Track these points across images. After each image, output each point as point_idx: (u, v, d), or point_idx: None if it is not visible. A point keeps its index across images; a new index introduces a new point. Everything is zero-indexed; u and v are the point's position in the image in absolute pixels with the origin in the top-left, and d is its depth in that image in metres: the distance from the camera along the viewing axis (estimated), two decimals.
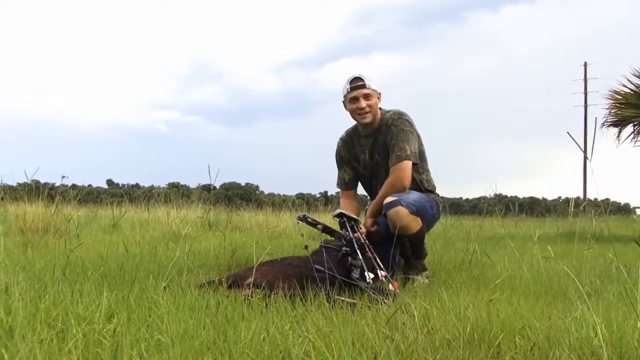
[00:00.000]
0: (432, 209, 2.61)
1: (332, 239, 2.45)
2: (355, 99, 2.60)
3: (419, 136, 2.64)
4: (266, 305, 1.75)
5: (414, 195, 2.48)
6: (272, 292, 1.87)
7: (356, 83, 2.59)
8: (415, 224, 2.42)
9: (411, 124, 2.61)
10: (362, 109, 2.58)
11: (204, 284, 2.02)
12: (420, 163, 2.66)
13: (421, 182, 2.68)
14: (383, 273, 2.07)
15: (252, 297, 1.81)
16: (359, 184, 2.87)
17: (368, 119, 2.61)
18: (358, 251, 2.14)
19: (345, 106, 2.70)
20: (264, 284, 1.92)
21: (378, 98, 2.64)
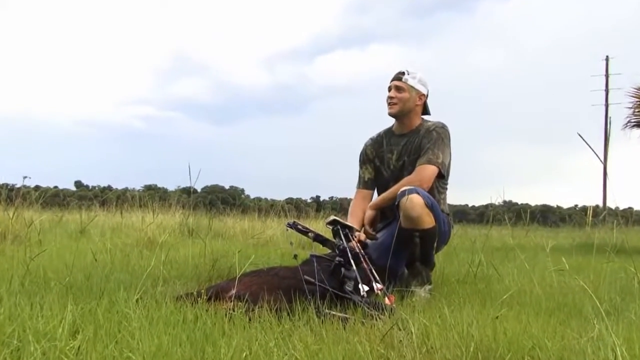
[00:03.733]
0: (444, 225, 2.68)
1: (325, 248, 2.46)
2: (388, 89, 2.78)
3: (450, 155, 2.76)
4: (249, 319, 1.76)
5: (432, 198, 2.56)
6: (256, 306, 1.87)
7: (396, 75, 2.78)
8: (429, 218, 2.46)
9: (450, 140, 2.75)
10: (390, 98, 2.75)
11: (181, 296, 2.02)
12: (443, 180, 2.77)
13: (438, 202, 2.74)
14: (379, 286, 2.08)
15: (234, 310, 1.81)
16: (375, 188, 2.93)
17: (393, 109, 2.76)
18: (352, 261, 2.15)
19: None
20: (247, 297, 1.92)
21: (419, 99, 2.78)
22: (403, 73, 2.76)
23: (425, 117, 2.86)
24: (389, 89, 2.77)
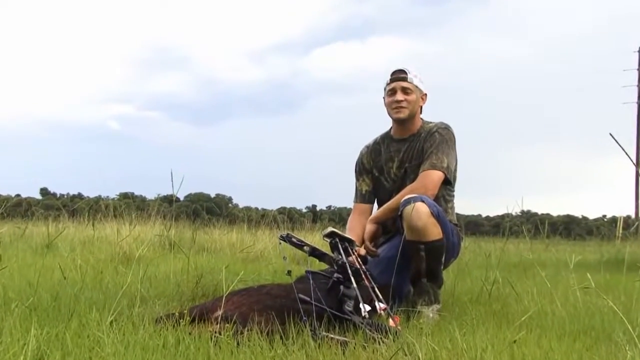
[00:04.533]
0: (453, 236, 2.70)
1: (322, 263, 2.47)
2: (393, 92, 2.78)
3: (456, 158, 2.79)
4: (238, 343, 1.76)
5: (439, 207, 2.58)
6: (246, 328, 1.88)
7: (397, 75, 2.78)
8: (435, 229, 2.48)
9: (455, 142, 2.78)
10: (398, 101, 2.75)
11: (161, 317, 2.02)
12: (450, 187, 2.81)
13: (446, 211, 2.78)
14: (382, 305, 2.09)
15: (220, 333, 1.82)
16: (375, 200, 2.97)
17: (403, 114, 2.77)
18: (352, 278, 2.16)
19: (384, 102, 2.87)
20: (235, 318, 1.93)
21: (422, 99, 2.83)
22: (405, 72, 2.78)
23: (424, 117, 2.89)
24: (392, 91, 2.78)
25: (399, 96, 2.75)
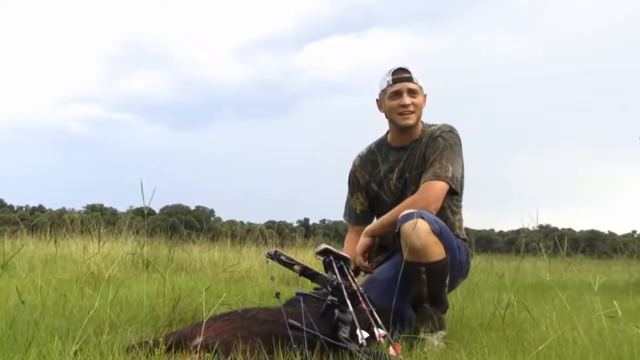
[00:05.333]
0: (461, 253, 2.71)
1: (314, 284, 2.47)
2: (398, 94, 2.76)
3: (463, 165, 2.79)
4: None
5: (441, 222, 2.58)
6: (229, 357, 1.88)
7: (401, 74, 2.77)
8: (437, 248, 2.48)
9: (460, 146, 2.78)
10: (405, 106, 2.74)
11: (133, 346, 2.02)
12: (457, 198, 2.82)
13: (452, 225, 2.79)
14: (382, 332, 2.09)
15: None
16: (374, 215, 2.99)
17: (411, 120, 2.77)
18: (348, 301, 2.16)
19: (379, 105, 2.87)
20: (217, 346, 1.93)
21: (424, 100, 2.84)
22: (408, 71, 2.78)
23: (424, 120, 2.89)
24: (397, 94, 2.76)
25: (407, 99, 2.74)
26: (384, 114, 2.87)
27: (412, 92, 2.75)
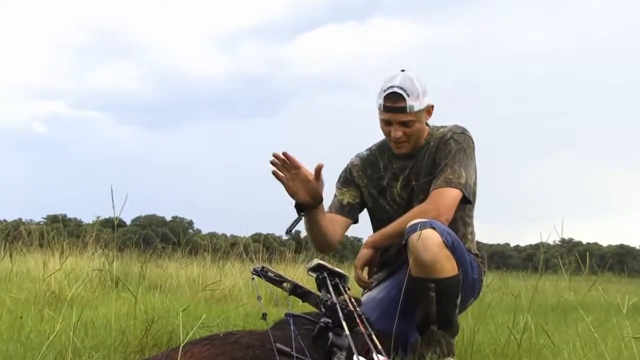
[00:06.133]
0: (473, 270, 2.71)
1: (306, 304, 2.48)
2: (387, 124, 2.76)
3: (476, 170, 2.81)
4: None
5: (454, 234, 2.58)
6: None
7: (393, 102, 2.68)
8: (448, 263, 2.48)
9: (474, 149, 2.80)
10: (396, 138, 2.75)
11: None
12: (470, 207, 2.85)
13: (464, 238, 2.81)
14: (382, 358, 2.11)
15: None
16: (358, 214, 2.98)
17: (404, 149, 2.80)
18: (344, 323, 2.17)
19: (378, 116, 2.85)
20: None
21: (428, 114, 2.81)
22: (403, 97, 2.65)
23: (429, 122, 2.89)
24: (387, 124, 2.74)
25: (398, 133, 2.72)
26: None
27: (405, 124, 2.71)
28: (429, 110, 2.79)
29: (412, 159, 2.84)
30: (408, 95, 2.66)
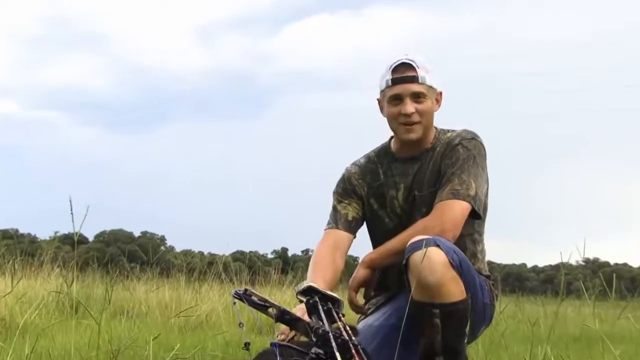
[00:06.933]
0: (484, 294, 2.71)
1: (295, 331, 2.48)
2: (398, 98, 2.74)
3: (487, 181, 2.81)
4: None
5: (461, 253, 2.57)
6: None
7: (402, 72, 2.73)
8: (455, 286, 2.47)
9: (485, 157, 2.80)
10: (407, 115, 2.72)
11: None
12: (479, 223, 2.84)
13: (474, 257, 2.81)
14: None
15: None
16: (369, 239, 3.00)
17: (415, 133, 2.77)
18: (337, 354, 2.17)
19: (381, 107, 2.87)
20: None
21: (437, 102, 2.83)
22: (413, 66, 2.73)
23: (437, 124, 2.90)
24: (397, 98, 2.74)
25: (409, 107, 2.71)
26: (386, 119, 2.86)
27: (416, 96, 2.73)
28: (437, 98, 2.82)
29: (416, 163, 2.84)
30: (418, 66, 2.72)
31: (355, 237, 2.96)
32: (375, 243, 2.95)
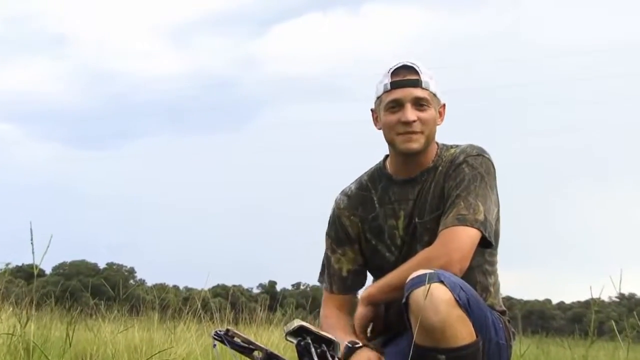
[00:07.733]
0: (498, 333, 2.69)
1: None
2: (397, 104, 2.73)
3: (498, 203, 2.80)
4: None
5: (469, 288, 2.55)
6: None
7: (404, 76, 2.73)
8: (463, 327, 2.44)
9: (495, 176, 2.79)
10: (407, 123, 2.71)
11: None
12: (491, 252, 2.84)
13: (485, 291, 2.81)
14: None
15: None
16: (368, 274, 3.00)
17: (417, 143, 2.74)
18: None
19: (375, 119, 2.88)
20: None
21: (440, 115, 2.83)
22: (416, 70, 2.74)
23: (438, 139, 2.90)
24: (397, 104, 2.74)
25: (410, 113, 2.70)
26: (381, 131, 2.85)
27: (419, 103, 2.72)
28: (440, 111, 2.82)
29: (415, 186, 2.82)
30: (421, 72, 2.73)
31: (357, 292, 2.95)
32: (375, 277, 2.95)
